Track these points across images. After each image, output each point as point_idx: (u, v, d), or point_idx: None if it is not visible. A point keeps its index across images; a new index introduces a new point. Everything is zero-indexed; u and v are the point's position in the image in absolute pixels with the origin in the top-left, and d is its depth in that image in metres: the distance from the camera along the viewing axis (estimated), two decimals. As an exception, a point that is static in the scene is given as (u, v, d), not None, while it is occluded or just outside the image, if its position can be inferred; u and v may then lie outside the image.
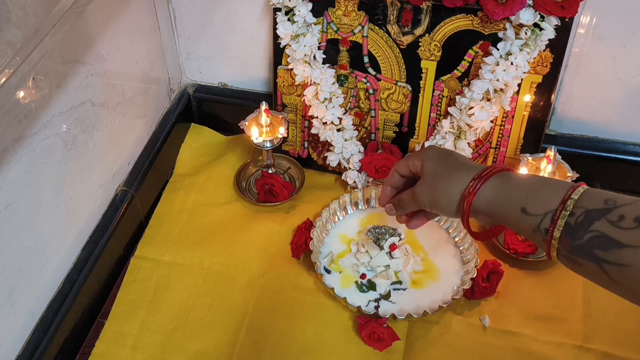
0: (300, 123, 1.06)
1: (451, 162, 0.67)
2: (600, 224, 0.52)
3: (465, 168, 0.65)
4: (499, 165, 0.64)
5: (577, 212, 0.54)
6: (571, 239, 0.54)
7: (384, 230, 0.93)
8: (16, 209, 0.73)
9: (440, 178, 0.66)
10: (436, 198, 0.66)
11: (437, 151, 0.70)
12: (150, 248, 0.97)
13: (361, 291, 0.89)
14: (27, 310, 0.80)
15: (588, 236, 0.53)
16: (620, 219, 0.51)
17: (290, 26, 0.94)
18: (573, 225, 0.54)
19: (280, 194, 1.01)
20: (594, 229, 0.52)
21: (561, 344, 0.83)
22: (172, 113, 1.12)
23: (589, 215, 0.53)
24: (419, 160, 0.70)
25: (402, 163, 0.73)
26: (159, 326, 0.87)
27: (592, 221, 0.53)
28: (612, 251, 0.51)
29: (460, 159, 0.68)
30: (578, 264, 0.54)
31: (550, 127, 1.03)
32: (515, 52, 0.88)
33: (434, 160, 0.68)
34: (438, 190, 0.66)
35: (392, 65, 0.97)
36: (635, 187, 1.02)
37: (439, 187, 0.66)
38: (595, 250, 0.52)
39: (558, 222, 0.55)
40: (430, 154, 0.70)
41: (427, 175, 0.68)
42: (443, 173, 0.66)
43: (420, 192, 0.69)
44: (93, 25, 0.84)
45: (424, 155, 0.70)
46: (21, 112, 0.71)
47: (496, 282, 0.88)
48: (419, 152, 0.72)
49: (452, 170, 0.66)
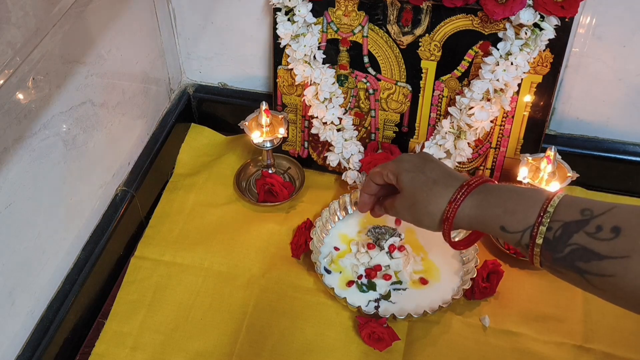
0: (300, 123, 1.06)
1: (428, 175, 0.65)
2: (579, 236, 0.52)
3: (442, 182, 0.64)
4: (477, 179, 0.62)
5: (555, 226, 0.54)
6: (552, 252, 0.54)
7: (384, 230, 0.93)
8: (16, 209, 0.73)
9: (419, 195, 0.65)
10: (417, 216, 0.66)
11: (412, 163, 0.68)
12: (150, 248, 0.97)
13: (361, 291, 0.89)
14: (27, 310, 0.80)
15: (568, 249, 0.53)
16: (598, 229, 0.52)
17: (290, 26, 0.94)
18: (552, 239, 0.54)
19: (280, 194, 1.01)
20: (572, 242, 0.53)
21: (561, 344, 0.83)
22: (172, 113, 1.12)
23: (567, 228, 0.53)
24: (393, 175, 0.68)
25: (376, 174, 0.71)
26: (159, 326, 0.87)
27: (570, 234, 0.53)
28: (593, 263, 0.51)
29: (436, 170, 0.66)
30: (562, 273, 0.55)
31: (550, 127, 1.03)
32: (515, 52, 0.88)
33: (409, 175, 0.66)
34: (418, 208, 0.65)
35: (392, 65, 0.97)
36: (635, 187, 1.02)
37: (419, 205, 0.65)
38: (576, 263, 0.53)
39: (537, 238, 0.55)
40: (405, 166, 0.68)
41: (404, 190, 0.67)
42: (421, 190, 0.65)
43: (401, 209, 0.68)
44: (93, 25, 0.84)
45: (398, 167, 0.68)
46: (21, 112, 0.71)
47: (496, 282, 0.88)
48: (393, 164, 0.69)
49: (430, 186, 0.64)
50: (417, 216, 0.66)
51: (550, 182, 0.89)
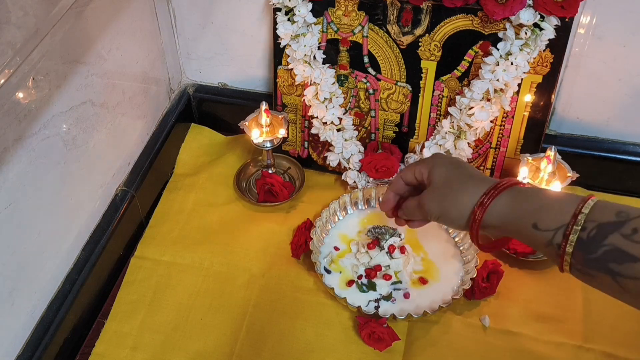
0: (300, 123, 1.06)
1: (462, 172, 0.65)
2: (614, 237, 0.52)
3: (476, 180, 0.63)
4: (511, 180, 0.62)
5: (589, 226, 0.54)
6: (584, 253, 0.54)
7: (384, 230, 0.93)
8: (16, 209, 0.73)
9: (451, 189, 0.64)
10: (446, 209, 0.65)
11: (446, 160, 0.68)
12: (150, 248, 0.97)
13: (361, 291, 0.89)
14: (27, 310, 0.80)
15: (602, 250, 0.52)
16: (634, 232, 0.51)
17: (290, 26, 0.94)
18: (585, 239, 0.54)
19: (280, 194, 1.01)
20: (607, 242, 0.52)
21: (561, 344, 0.83)
22: (172, 113, 1.12)
23: (602, 229, 0.53)
24: (426, 168, 0.68)
25: (408, 170, 0.71)
26: (159, 326, 0.87)
27: (605, 235, 0.52)
28: (627, 265, 0.51)
29: (471, 170, 0.66)
30: (592, 276, 0.54)
31: (550, 127, 1.03)
32: (515, 52, 0.88)
33: (443, 168, 0.66)
34: (448, 201, 0.64)
35: (392, 65, 0.97)
36: (635, 187, 1.02)
37: (449, 198, 0.64)
38: (610, 264, 0.52)
39: (570, 237, 0.54)
40: (439, 162, 0.67)
41: (435, 184, 0.66)
42: (453, 184, 0.64)
43: (429, 202, 0.67)
44: (93, 25, 0.84)
45: (432, 162, 0.68)
46: (21, 112, 0.71)
47: (496, 282, 0.88)
48: (427, 160, 0.69)
49: (463, 182, 0.64)
50: (446, 207, 0.65)
51: (551, 182, 0.89)
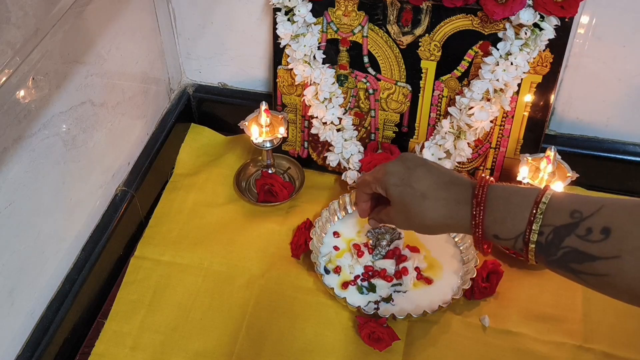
0: (300, 123, 1.06)
1: (415, 189, 0.65)
2: (570, 239, 0.53)
3: (432, 196, 0.64)
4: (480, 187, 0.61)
5: (546, 230, 0.55)
6: (545, 256, 0.56)
7: (384, 230, 0.93)
8: (16, 209, 0.73)
9: (412, 210, 0.66)
10: (415, 228, 0.68)
11: (398, 176, 0.68)
12: (150, 248, 0.97)
13: (361, 293, 0.89)
14: (27, 310, 0.80)
15: (561, 252, 0.54)
16: (588, 232, 0.53)
17: (290, 26, 0.94)
18: (544, 244, 0.55)
19: (280, 194, 1.01)
20: (565, 245, 0.54)
21: (561, 344, 0.83)
22: (172, 113, 1.12)
23: (558, 232, 0.54)
24: (381, 187, 0.70)
25: (365, 185, 0.73)
26: (158, 326, 0.87)
27: (562, 238, 0.54)
28: (586, 264, 0.53)
29: (423, 180, 0.66)
30: (558, 273, 0.57)
31: (550, 127, 1.03)
32: (515, 52, 0.88)
33: (397, 188, 0.67)
34: (414, 220, 0.66)
35: (392, 65, 0.97)
36: (635, 187, 1.02)
37: (414, 218, 0.66)
38: (570, 264, 0.54)
39: (529, 245, 0.56)
40: (391, 180, 0.68)
41: (395, 204, 0.68)
42: (412, 205, 0.65)
43: (397, 220, 0.70)
44: (93, 25, 0.84)
45: (384, 181, 0.69)
46: (21, 112, 0.71)
47: (496, 282, 0.88)
48: (380, 176, 0.70)
49: (419, 202, 0.65)
50: (415, 228, 0.68)
51: (550, 182, 0.89)
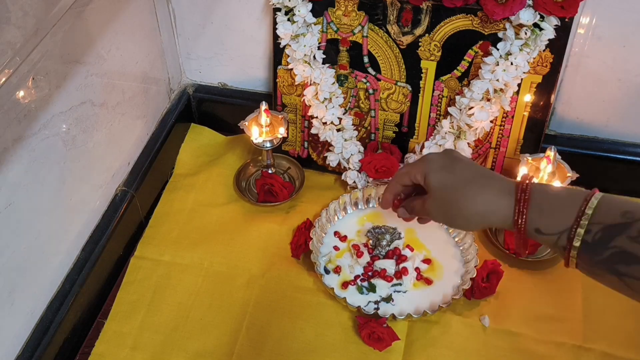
0: (300, 123, 1.06)
1: (458, 176, 0.63)
2: (620, 239, 0.51)
3: (476, 182, 0.62)
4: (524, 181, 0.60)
5: (594, 228, 0.53)
6: (591, 255, 0.53)
7: (384, 230, 0.93)
8: (16, 209, 0.73)
9: (452, 196, 0.63)
10: (451, 218, 0.64)
11: (438, 163, 0.66)
12: (150, 248, 0.97)
13: (361, 293, 0.89)
14: (27, 310, 0.80)
15: (609, 252, 0.52)
16: None
17: (290, 26, 0.94)
18: (590, 242, 0.53)
19: (280, 194, 1.01)
20: (614, 245, 0.52)
21: (561, 344, 0.83)
22: (172, 113, 1.12)
23: (607, 231, 0.52)
24: (421, 175, 0.67)
25: (403, 175, 0.70)
26: (158, 326, 0.87)
27: (611, 237, 0.52)
28: (634, 266, 0.51)
29: (467, 169, 0.64)
30: (599, 275, 0.54)
31: (550, 127, 1.03)
32: (515, 52, 0.88)
33: (437, 175, 0.65)
34: (452, 210, 0.63)
35: (392, 65, 0.97)
36: (635, 187, 1.02)
37: (452, 207, 0.63)
38: (617, 266, 0.52)
39: (574, 241, 0.54)
40: (432, 167, 0.66)
41: (434, 193, 0.65)
42: (454, 191, 0.63)
43: (432, 210, 0.66)
44: (93, 25, 0.84)
45: (425, 167, 0.66)
46: (21, 112, 0.71)
47: (496, 282, 0.88)
48: (419, 165, 0.68)
49: (462, 187, 0.62)
50: (451, 218, 0.65)
51: (550, 183, 0.89)
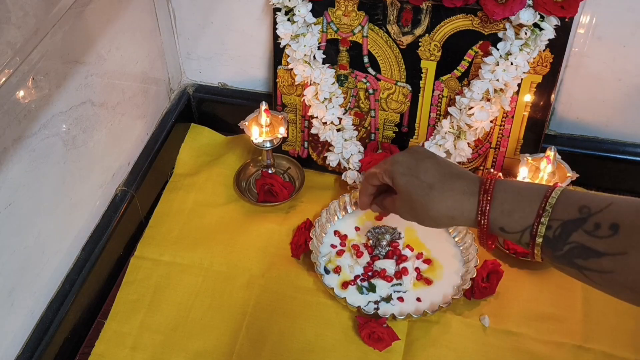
0: (300, 123, 1.06)
1: (422, 180, 0.65)
2: (578, 235, 0.53)
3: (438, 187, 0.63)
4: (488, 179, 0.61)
5: (554, 225, 0.55)
6: (552, 250, 0.56)
7: (384, 230, 0.93)
8: (16, 209, 0.73)
9: (417, 201, 0.65)
10: (419, 219, 0.67)
11: (405, 165, 0.67)
12: (150, 248, 0.97)
13: (361, 293, 0.89)
14: (27, 310, 0.80)
15: (567, 247, 0.54)
16: (596, 227, 0.52)
17: (290, 26, 0.94)
18: (551, 238, 0.55)
19: (280, 194, 1.01)
20: (571, 240, 0.54)
21: (561, 344, 0.83)
22: (172, 113, 1.11)
23: (566, 227, 0.54)
24: (388, 177, 0.69)
25: (372, 176, 0.72)
26: (158, 326, 0.87)
27: (569, 233, 0.54)
28: (591, 260, 0.53)
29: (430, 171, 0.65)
30: (562, 269, 0.56)
31: (550, 127, 1.03)
32: (515, 52, 0.88)
33: (404, 177, 0.66)
34: (419, 213, 0.66)
35: (392, 65, 0.97)
36: (635, 187, 1.02)
37: (418, 210, 0.65)
38: (575, 260, 0.54)
39: (536, 238, 0.56)
40: (399, 169, 0.67)
41: (402, 194, 0.67)
42: (418, 195, 0.65)
43: (401, 210, 0.69)
44: (93, 25, 0.84)
45: (392, 170, 0.68)
46: (21, 112, 0.71)
47: (496, 282, 0.88)
48: (388, 166, 0.69)
49: (426, 192, 0.64)
50: (419, 219, 0.67)
51: (551, 183, 0.89)
